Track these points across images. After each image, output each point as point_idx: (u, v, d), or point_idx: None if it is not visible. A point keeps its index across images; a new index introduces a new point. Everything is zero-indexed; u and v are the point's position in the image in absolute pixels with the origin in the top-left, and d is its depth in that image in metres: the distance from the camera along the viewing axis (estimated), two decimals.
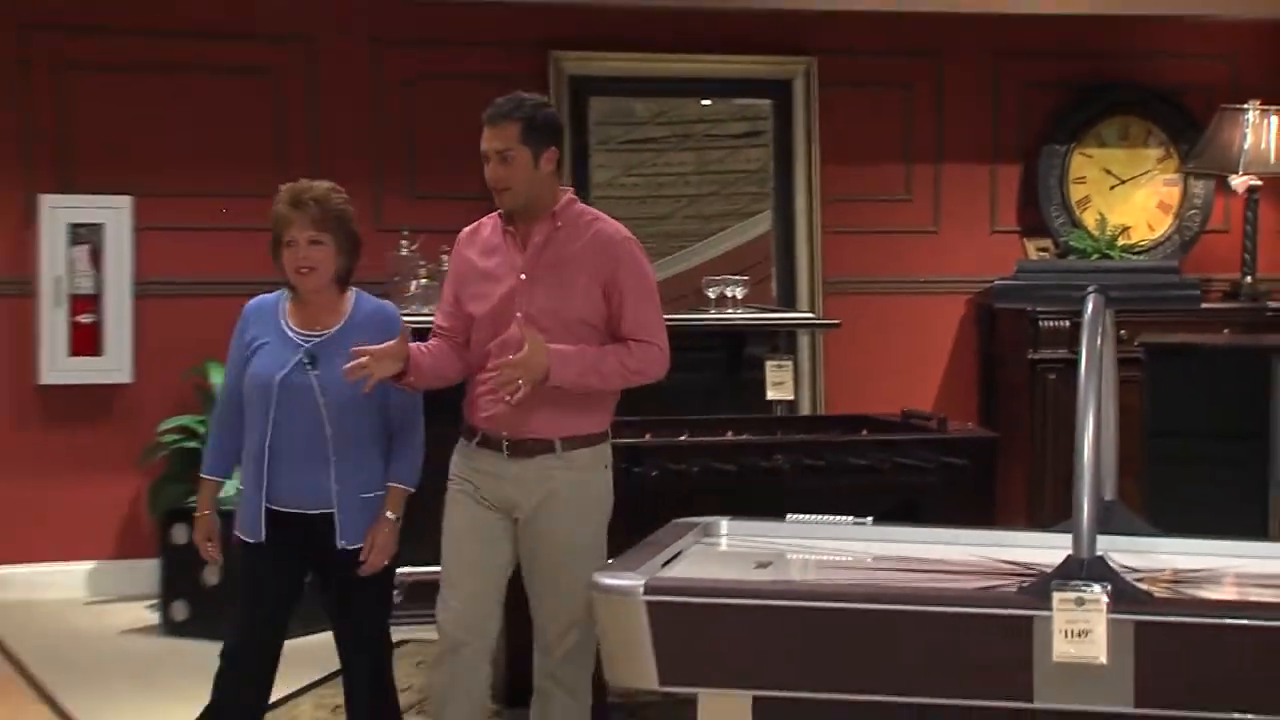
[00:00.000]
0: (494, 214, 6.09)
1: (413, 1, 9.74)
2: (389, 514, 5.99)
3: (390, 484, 6.01)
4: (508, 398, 5.69)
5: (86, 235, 9.86)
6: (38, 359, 9.93)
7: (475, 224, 6.18)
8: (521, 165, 5.85)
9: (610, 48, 10.48)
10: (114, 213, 9.77)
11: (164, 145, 9.89)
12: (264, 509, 5.92)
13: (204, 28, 9.95)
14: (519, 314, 5.85)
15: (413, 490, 6.09)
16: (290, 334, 5.92)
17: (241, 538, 6.03)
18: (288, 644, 8.99)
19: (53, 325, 9.88)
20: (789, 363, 10.23)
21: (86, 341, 9.93)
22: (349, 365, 5.68)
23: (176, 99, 10.08)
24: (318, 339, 5.90)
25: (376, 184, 10.07)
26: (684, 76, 10.76)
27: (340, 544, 5.91)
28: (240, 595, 6.20)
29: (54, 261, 9.88)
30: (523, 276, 5.92)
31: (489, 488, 5.96)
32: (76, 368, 10.02)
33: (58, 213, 9.87)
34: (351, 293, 6.06)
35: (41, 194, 9.84)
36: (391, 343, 5.76)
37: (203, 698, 7.88)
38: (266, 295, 6.11)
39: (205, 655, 8.52)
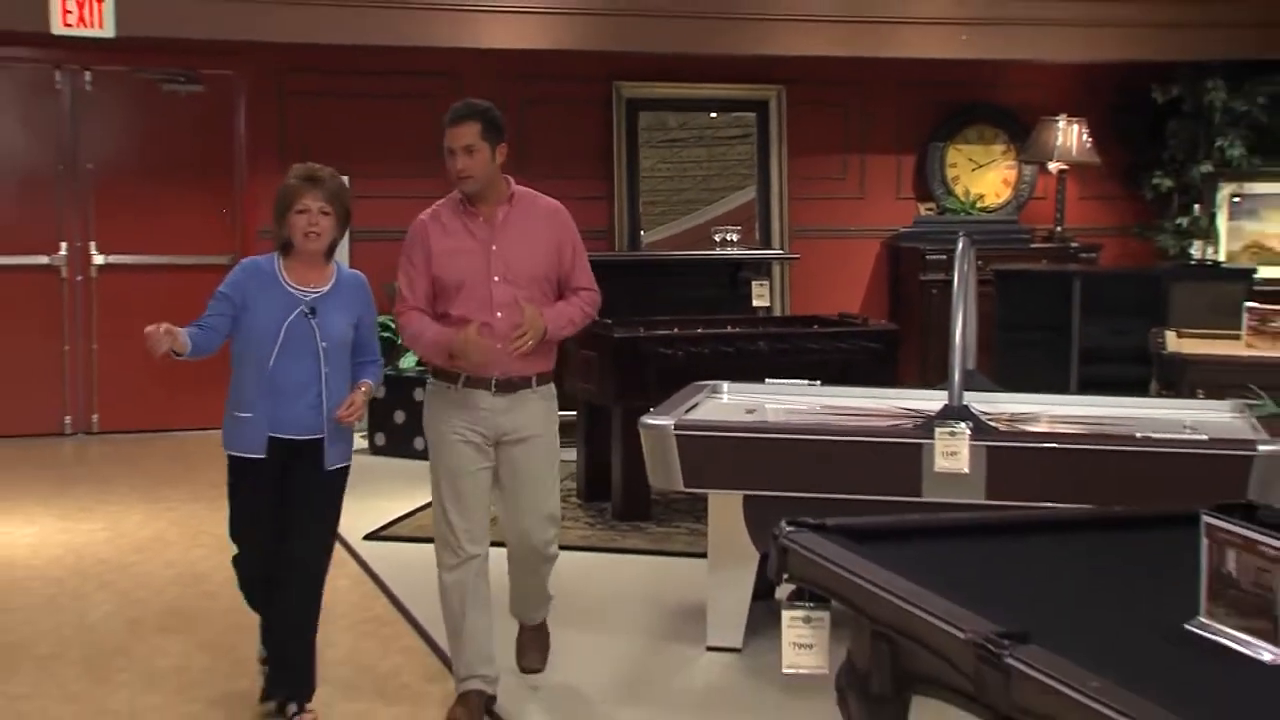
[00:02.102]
0: (446, 200, 5.06)
1: (524, 50, 9.69)
2: (365, 389, 4.83)
3: (364, 380, 4.85)
4: (514, 353, 4.75)
5: None
6: None
7: (433, 210, 5.07)
8: (482, 158, 4.92)
9: (653, 79, 10.41)
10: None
11: (365, 144, 9.86)
12: (266, 433, 4.71)
13: (386, 68, 9.89)
14: (496, 277, 4.84)
15: (376, 392, 5.11)
16: (292, 290, 4.76)
17: (244, 455, 4.74)
18: (408, 466, 8.77)
19: None
20: (767, 282, 10.28)
21: None
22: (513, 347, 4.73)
23: (371, 115, 10.01)
24: (315, 294, 4.77)
25: (506, 171, 10.05)
26: (699, 98, 10.69)
27: (328, 465, 4.77)
28: (242, 510, 4.85)
29: None
30: (494, 248, 4.87)
31: (479, 422, 4.85)
32: None
33: None
34: (333, 261, 4.91)
35: None
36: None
37: (397, 498, 8.02)
38: (259, 257, 4.98)
39: (397, 468, 8.74)
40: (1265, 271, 9.84)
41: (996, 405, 5.92)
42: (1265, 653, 3.21)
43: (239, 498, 4.83)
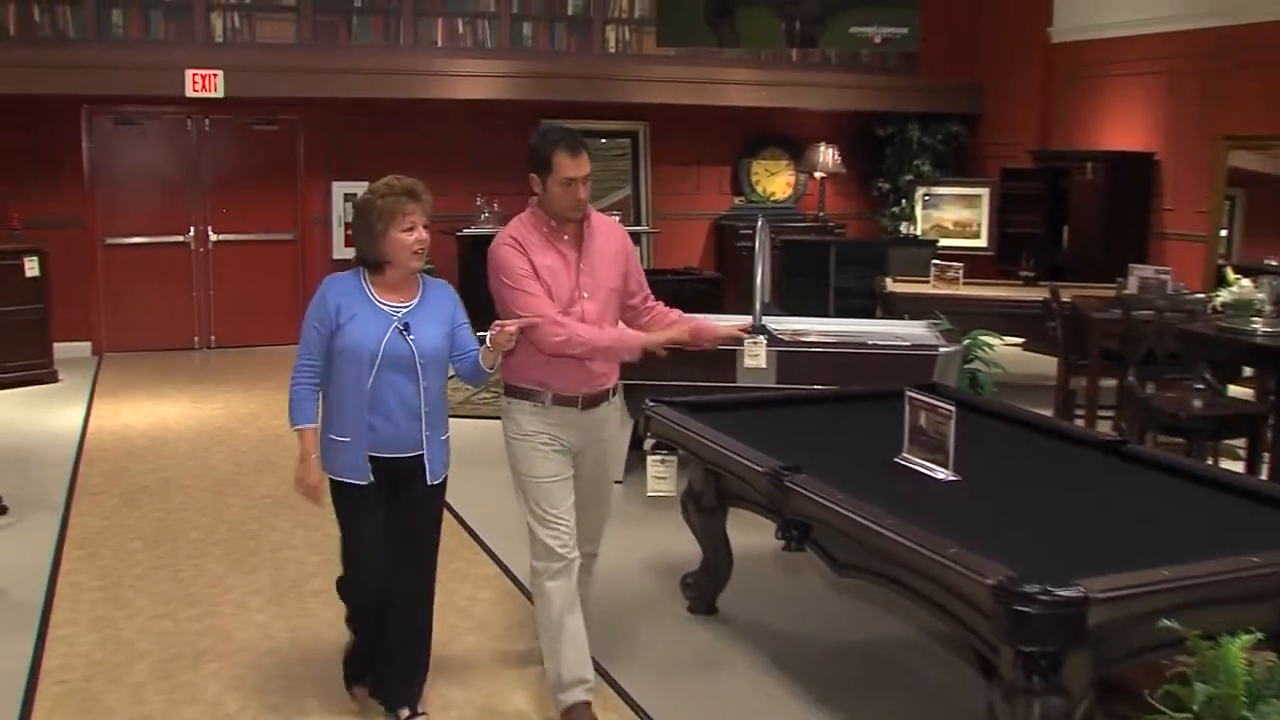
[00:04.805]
0: (520, 223, 3.38)
1: (483, 99, 9.40)
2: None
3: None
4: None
5: (351, 199, 9.55)
6: (331, 248, 9.59)
7: (513, 232, 3.34)
8: (588, 186, 3.33)
9: (564, 116, 10.12)
10: (362, 188, 9.45)
11: (381, 161, 9.37)
12: (367, 455, 3.16)
13: (395, 112, 9.58)
14: (585, 294, 3.32)
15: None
16: (383, 307, 3.16)
17: (348, 480, 3.17)
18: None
19: (338, 235, 9.53)
20: (638, 248, 10.24)
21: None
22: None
23: (386, 141, 9.64)
24: (405, 310, 3.18)
25: (470, 178, 9.84)
26: (594, 130, 10.38)
27: (430, 481, 3.20)
28: (357, 537, 3.22)
29: (339, 209, 9.52)
30: (581, 265, 3.33)
31: (567, 435, 3.34)
32: (348, 252, 9.52)
33: (338, 188, 9.48)
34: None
35: (334, 181, 9.59)
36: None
37: None
38: (341, 274, 3.27)
39: None
40: (944, 242, 10.01)
41: (783, 324, 5.94)
42: (940, 474, 3.32)
43: (352, 524, 3.24)
